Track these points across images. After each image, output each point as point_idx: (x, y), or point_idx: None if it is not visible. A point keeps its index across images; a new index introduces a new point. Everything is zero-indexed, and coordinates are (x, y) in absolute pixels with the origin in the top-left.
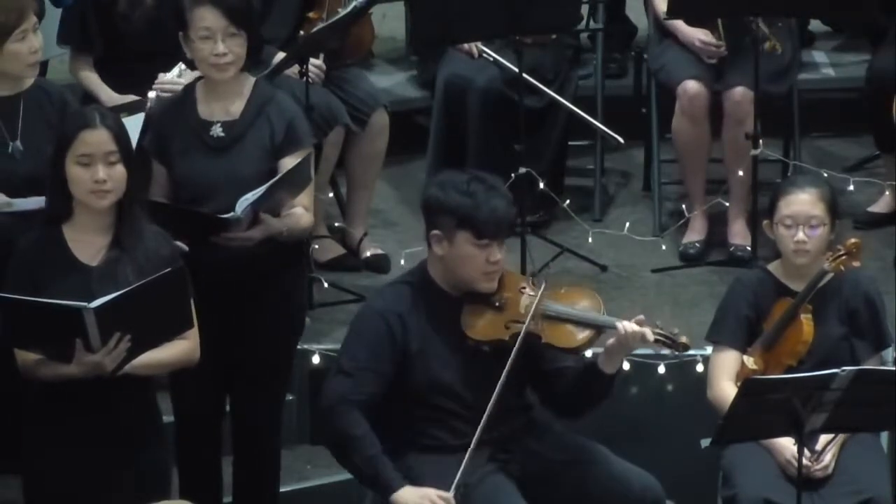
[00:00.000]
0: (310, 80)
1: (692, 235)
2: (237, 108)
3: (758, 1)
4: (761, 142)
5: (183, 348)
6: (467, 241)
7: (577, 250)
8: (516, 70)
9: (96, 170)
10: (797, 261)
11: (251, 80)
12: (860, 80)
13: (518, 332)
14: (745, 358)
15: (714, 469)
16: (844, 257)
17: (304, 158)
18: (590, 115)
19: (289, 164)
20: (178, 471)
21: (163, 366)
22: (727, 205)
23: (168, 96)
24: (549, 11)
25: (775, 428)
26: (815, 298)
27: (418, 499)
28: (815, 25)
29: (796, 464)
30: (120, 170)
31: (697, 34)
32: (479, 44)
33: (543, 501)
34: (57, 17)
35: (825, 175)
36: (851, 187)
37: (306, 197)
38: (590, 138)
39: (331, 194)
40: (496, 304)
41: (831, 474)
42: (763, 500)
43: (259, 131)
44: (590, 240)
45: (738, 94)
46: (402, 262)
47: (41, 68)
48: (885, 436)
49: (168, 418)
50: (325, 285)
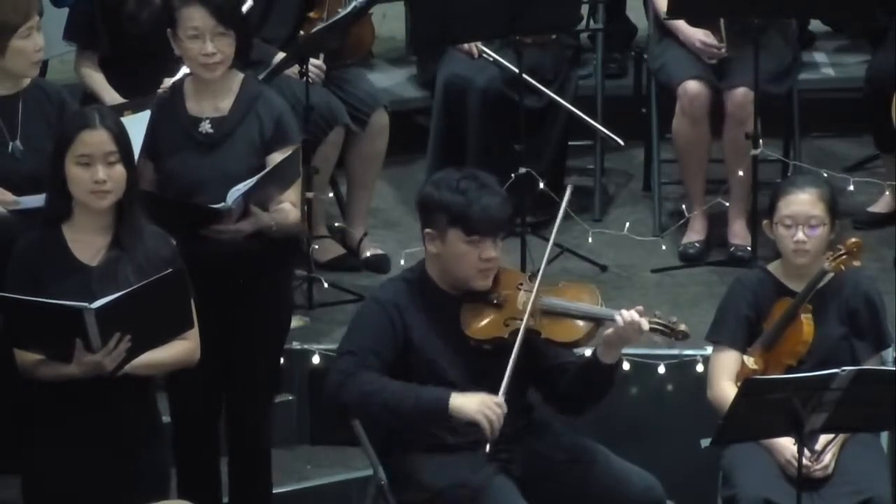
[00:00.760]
0: (310, 80)
1: (692, 235)
2: (226, 104)
3: (758, 1)
4: (761, 142)
5: (183, 349)
6: (459, 238)
7: (577, 250)
8: (516, 70)
9: (96, 170)
10: (797, 261)
11: (239, 77)
12: (860, 80)
13: (517, 329)
14: (745, 358)
15: (714, 469)
16: (844, 257)
17: (292, 153)
18: (590, 116)
19: (277, 160)
20: (176, 471)
21: (162, 366)
22: (727, 205)
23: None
24: (549, 11)
25: (775, 428)
26: (815, 298)
27: (478, 405)
28: (815, 25)
29: (796, 464)
30: (119, 170)
31: (698, 34)
32: (479, 44)
33: (544, 501)
34: (56, 17)
35: (825, 175)
36: (851, 187)
37: (294, 193)
38: (590, 138)
39: (331, 194)
40: (494, 301)
41: (831, 474)
42: (763, 500)
43: (248, 127)
44: (590, 240)
45: (740, 94)
46: (401, 262)
47: (41, 68)
48: (885, 436)
49: (167, 418)
50: (325, 285)
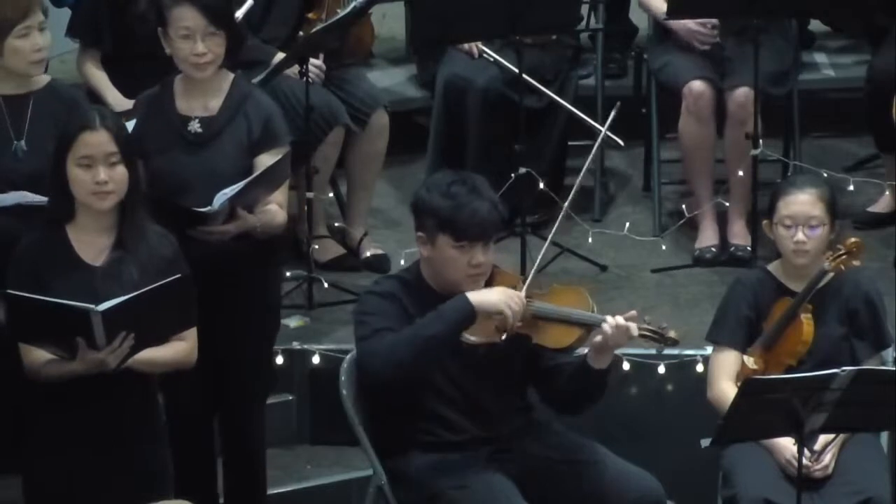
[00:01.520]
0: (310, 80)
1: (705, 240)
2: (216, 104)
3: (758, 1)
4: (761, 142)
5: (181, 349)
6: (447, 243)
7: (577, 250)
8: (516, 70)
9: (97, 171)
10: (797, 261)
11: (230, 77)
12: (860, 80)
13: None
14: (745, 358)
15: (714, 469)
16: (844, 257)
17: (282, 157)
18: (590, 116)
19: (265, 161)
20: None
21: (160, 364)
22: (727, 205)
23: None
24: (549, 11)
25: (775, 428)
26: (815, 298)
27: (501, 295)
28: (815, 25)
29: (796, 464)
30: (121, 170)
31: (689, 22)
32: (479, 44)
33: (543, 501)
34: (56, 17)
35: (825, 175)
36: (851, 187)
37: (281, 194)
38: (590, 138)
39: (331, 194)
40: None
41: (831, 474)
42: (763, 500)
43: (236, 128)
44: (590, 240)
45: (741, 94)
46: (401, 262)
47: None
48: (885, 436)
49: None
50: (325, 285)
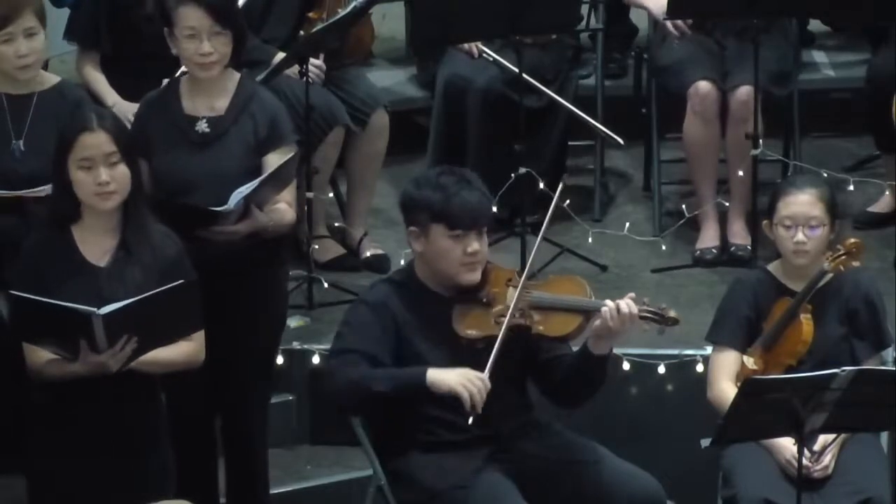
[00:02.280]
0: (310, 80)
1: (707, 241)
2: (222, 104)
3: (757, 1)
4: (761, 142)
5: (188, 349)
6: (442, 233)
7: (576, 250)
8: (516, 70)
9: (98, 172)
10: (797, 261)
11: (236, 76)
12: (860, 80)
13: (509, 325)
14: (745, 358)
15: (714, 469)
16: (844, 257)
17: (291, 156)
18: (590, 116)
19: (273, 161)
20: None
21: (166, 365)
22: (727, 205)
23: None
24: (549, 11)
25: (775, 428)
26: (815, 298)
27: (458, 377)
28: (815, 25)
29: (796, 464)
30: (122, 170)
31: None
32: (479, 44)
33: (543, 501)
34: (56, 17)
35: (825, 175)
36: (851, 187)
37: (289, 193)
38: (590, 138)
39: (331, 194)
40: (483, 300)
41: (831, 474)
42: (763, 500)
43: (243, 127)
44: (590, 240)
45: (744, 93)
46: (401, 262)
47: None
48: (885, 436)
49: None
50: (325, 285)
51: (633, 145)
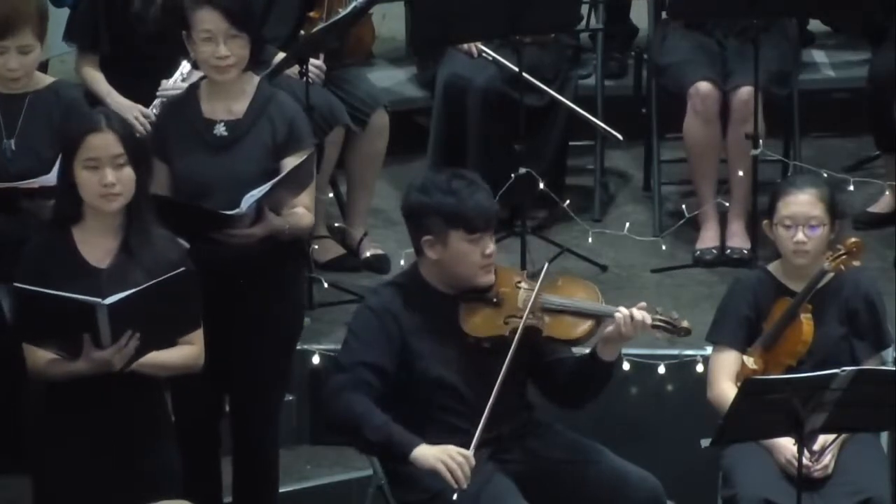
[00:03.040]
0: (310, 80)
1: (707, 241)
2: (241, 107)
3: (757, 1)
4: (761, 142)
5: (189, 353)
6: (461, 238)
7: (577, 250)
8: (516, 70)
9: (104, 173)
10: (797, 261)
11: (255, 80)
12: (860, 80)
13: (517, 326)
14: (745, 358)
15: (714, 469)
16: (844, 257)
17: (307, 158)
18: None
19: (290, 164)
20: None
21: (168, 367)
22: (727, 205)
23: (172, 95)
24: (549, 11)
25: (775, 428)
26: (815, 298)
27: (439, 453)
28: (814, 25)
29: (796, 464)
30: (128, 172)
31: None
32: (479, 44)
33: (543, 501)
34: (56, 17)
35: (825, 175)
36: (851, 187)
37: (307, 197)
38: (590, 138)
39: (331, 194)
40: (493, 300)
41: (831, 474)
42: (763, 500)
43: (261, 130)
44: (590, 240)
45: (745, 93)
46: (401, 262)
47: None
48: (885, 436)
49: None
50: (325, 285)
51: (633, 145)
